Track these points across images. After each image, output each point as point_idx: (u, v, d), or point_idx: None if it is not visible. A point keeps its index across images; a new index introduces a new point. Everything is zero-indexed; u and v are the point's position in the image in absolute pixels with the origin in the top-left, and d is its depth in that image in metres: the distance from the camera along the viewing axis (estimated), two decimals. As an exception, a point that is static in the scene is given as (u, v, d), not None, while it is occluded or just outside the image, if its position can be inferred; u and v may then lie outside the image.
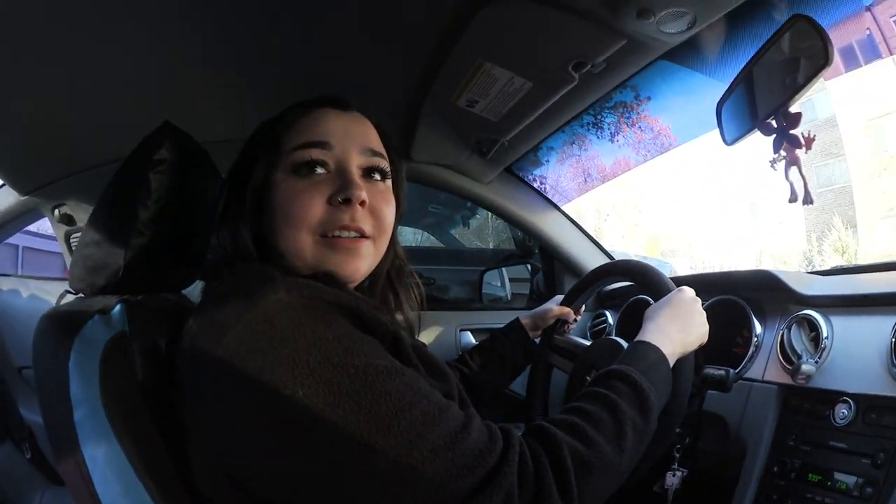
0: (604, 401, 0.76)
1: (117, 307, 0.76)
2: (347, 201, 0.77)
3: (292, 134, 0.80)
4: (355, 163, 0.81)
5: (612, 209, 22.69)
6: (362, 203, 0.79)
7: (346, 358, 0.62)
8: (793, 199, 1.00)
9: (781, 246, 21.00)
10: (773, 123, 0.99)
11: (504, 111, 1.38)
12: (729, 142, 1.12)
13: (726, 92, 1.11)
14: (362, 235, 0.80)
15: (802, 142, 0.96)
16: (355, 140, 0.82)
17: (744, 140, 1.08)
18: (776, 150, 0.98)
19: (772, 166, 1.00)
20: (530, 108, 1.35)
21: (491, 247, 2.98)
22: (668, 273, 1.14)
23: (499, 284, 2.29)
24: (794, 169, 0.99)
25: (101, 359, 0.72)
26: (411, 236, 3.21)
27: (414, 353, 0.73)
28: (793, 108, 0.95)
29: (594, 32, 1.05)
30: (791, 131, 0.96)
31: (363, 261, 0.81)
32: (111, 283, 0.81)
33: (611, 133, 2.16)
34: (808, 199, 1.00)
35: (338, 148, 0.80)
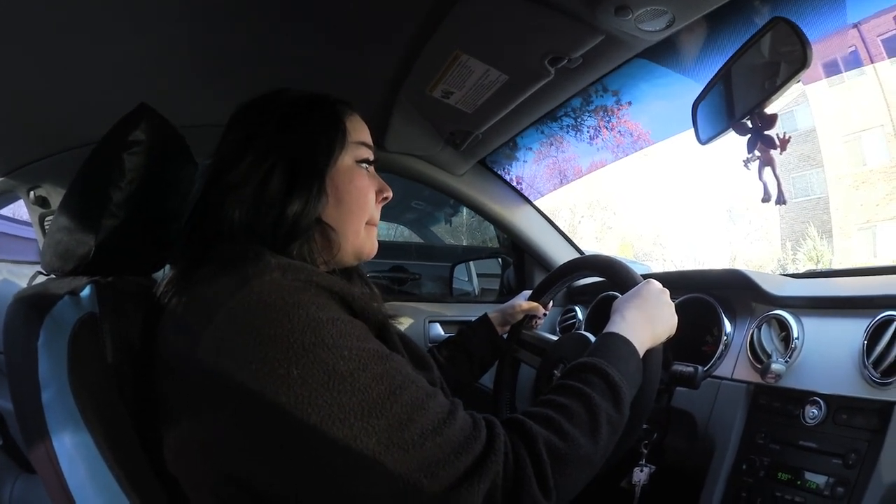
0: (577, 393, 0.77)
1: (87, 288, 0.76)
2: (386, 199, 0.90)
3: (349, 128, 0.86)
4: None
5: (586, 211, 22.72)
6: None
7: (339, 340, 0.63)
8: (765, 199, 1.01)
9: (756, 253, 21.21)
10: (749, 124, 0.99)
11: (479, 103, 1.38)
12: (703, 140, 1.12)
13: (703, 91, 1.12)
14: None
15: (777, 142, 0.97)
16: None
17: (718, 139, 1.09)
18: (750, 150, 0.99)
19: (745, 166, 1.00)
20: (505, 102, 1.36)
21: (471, 244, 2.98)
22: (642, 271, 1.15)
23: (466, 279, 2.31)
24: (767, 169, 1.00)
25: (70, 339, 0.71)
26: (385, 231, 3.20)
27: (400, 340, 0.75)
28: (769, 110, 0.96)
29: (571, 27, 1.05)
30: (766, 132, 0.97)
31: None
32: (82, 264, 0.80)
33: (588, 132, 2.16)
34: (780, 200, 1.00)
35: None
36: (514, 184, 1.97)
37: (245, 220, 0.76)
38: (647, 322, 0.94)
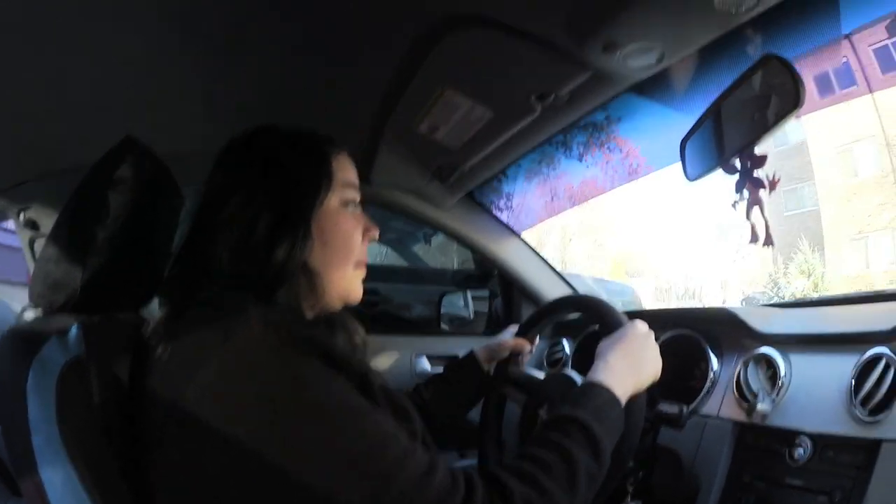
0: (556, 447, 0.76)
1: (74, 328, 0.75)
2: (373, 239, 0.89)
3: (336, 168, 0.84)
4: None
5: (577, 228, 22.75)
6: None
7: (319, 398, 0.64)
8: (753, 241, 0.99)
9: (748, 267, 21.30)
10: (737, 164, 0.97)
11: (465, 139, 1.38)
12: (691, 178, 1.11)
13: (692, 128, 1.10)
14: None
15: (766, 183, 0.95)
16: None
17: (706, 176, 1.08)
18: (738, 190, 0.97)
19: (733, 207, 0.99)
20: (491, 137, 1.35)
21: (455, 265, 2.96)
22: (629, 295, 1.14)
23: (462, 305, 2.29)
24: (756, 210, 0.98)
25: (57, 383, 0.71)
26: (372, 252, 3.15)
27: (381, 393, 0.74)
28: (758, 150, 0.94)
29: (559, 64, 1.05)
30: (755, 172, 0.95)
31: None
32: (70, 301, 0.80)
33: (579, 154, 2.16)
34: (769, 241, 0.99)
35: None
36: (506, 212, 1.96)
37: (231, 266, 0.76)
38: (631, 368, 0.93)
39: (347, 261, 0.85)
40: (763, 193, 0.94)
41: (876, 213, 15.99)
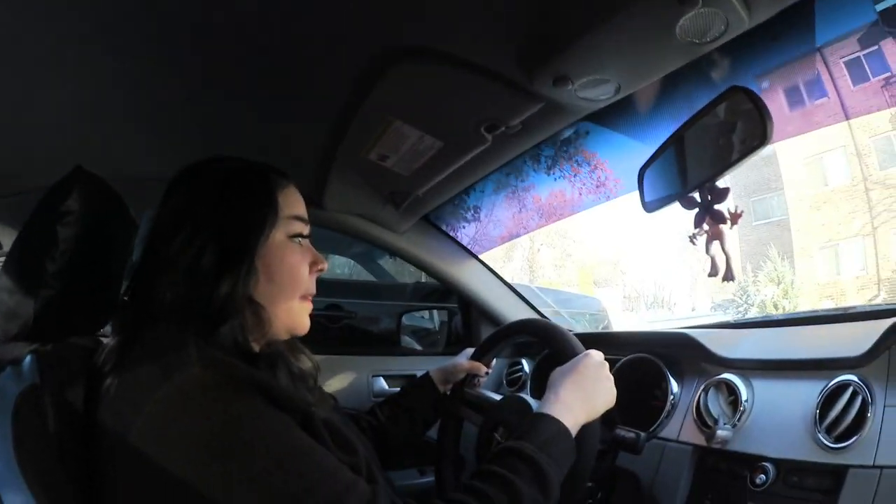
0: (501, 480, 0.77)
1: (28, 359, 0.76)
2: (321, 271, 0.89)
3: (282, 202, 0.84)
4: None
5: (545, 239, 22.74)
6: None
7: (257, 437, 0.65)
8: (713, 274, 0.97)
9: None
10: (697, 198, 0.96)
11: (415, 167, 1.37)
12: (648, 209, 1.09)
13: (652, 156, 1.09)
14: None
15: (727, 217, 0.94)
16: None
17: (664, 209, 1.06)
18: (697, 225, 0.95)
19: (691, 241, 0.97)
20: (442, 166, 1.35)
21: (422, 278, 2.96)
22: (597, 308, 1.14)
23: (427, 318, 2.33)
24: (715, 244, 0.95)
25: (13, 413, 0.72)
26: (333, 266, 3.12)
27: (325, 427, 0.75)
28: (720, 183, 0.93)
29: (508, 96, 1.04)
30: (716, 206, 0.94)
31: None
32: (23, 331, 0.80)
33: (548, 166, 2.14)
34: (729, 276, 0.97)
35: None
36: (474, 223, 1.95)
37: (176, 301, 0.75)
38: (583, 399, 0.94)
39: (293, 294, 0.85)
40: (724, 227, 0.92)
41: (846, 222, 16.25)
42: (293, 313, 0.86)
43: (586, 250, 24.48)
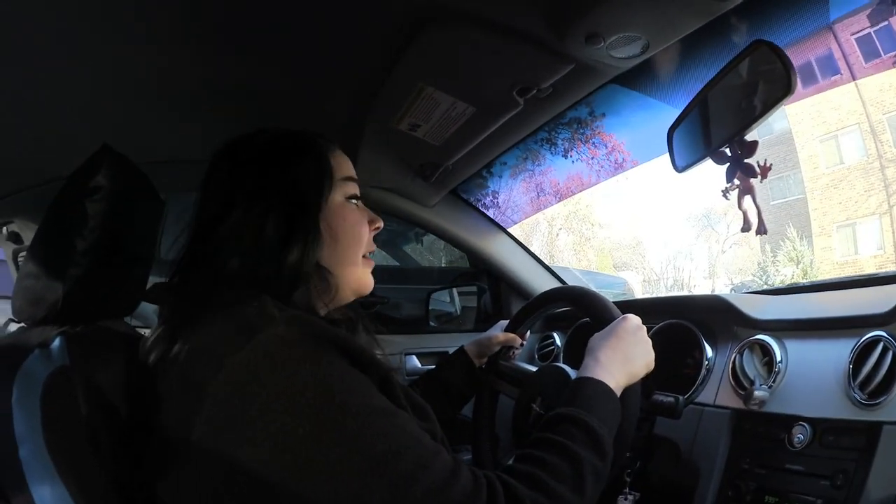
0: (559, 448, 0.76)
1: (57, 339, 0.75)
2: (378, 229, 0.92)
3: (335, 165, 0.86)
4: None
5: (564, 222, 22.65)
6: None
7: (346, 397, 0.64)
8: (745, 229, 0.97)
9: (736, 256, 21.35)
10: (727, 152, 0.96)
11: (447, 135, 1.36)
12: (679, 168, 1.09)
13: (679, 117, 1.09)
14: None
15: (758, 170, 0.93)
16: None
17: (695, 167, 1.07)
18: (729, 179, 0.95)
19: (724, 196, 0.97)
20: (473, 133, 1.34)
21: (443, 264, 2.94)
22: (621, 288, 1.14)
23: (448, 301, 2.29)
24: (747, 198, 0.96)
25: (42, 395, 0.70)
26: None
27: (402, 393, 0.75)
28: (749, 137, 0.93)
29: (539, 57, 1.04)
30: (746, 160, 0.94)
31: None
32: (52, 314, 0.79)
33: (564, 150, 2.14)
34: (761, 229, 0.97)
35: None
36: (488, 203, 1.95)
37: (244, 271, 0.76)
38: (623, 361, 0.93)
39: (357, 254, 0.87)
40: (755, 181, 0.92)
41: (863, 200, 16.08)
42: (358, 273, 0.88)
43: (605, 234, 24.42)
